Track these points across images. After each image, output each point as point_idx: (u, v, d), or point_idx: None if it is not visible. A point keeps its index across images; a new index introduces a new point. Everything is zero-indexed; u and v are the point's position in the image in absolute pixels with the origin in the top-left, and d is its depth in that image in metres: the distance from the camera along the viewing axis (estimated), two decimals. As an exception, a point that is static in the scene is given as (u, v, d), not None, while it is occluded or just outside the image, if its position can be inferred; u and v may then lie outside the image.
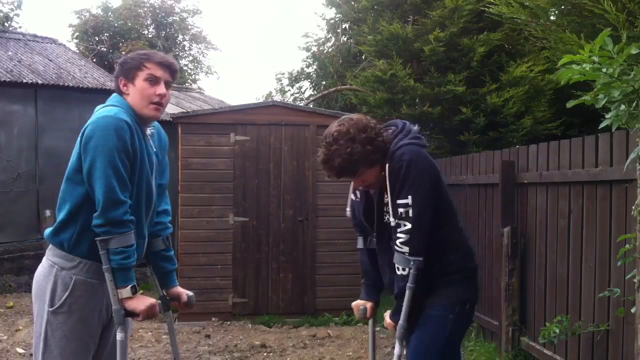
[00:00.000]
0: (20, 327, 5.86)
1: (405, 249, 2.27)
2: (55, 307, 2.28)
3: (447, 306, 2.37)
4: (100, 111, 2.36)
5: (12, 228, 8.29)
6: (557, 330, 3.54)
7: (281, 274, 6.48)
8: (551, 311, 4.03)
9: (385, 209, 2.40)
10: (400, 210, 2.27)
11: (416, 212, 2.26)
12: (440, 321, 2.37)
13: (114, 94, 2.46)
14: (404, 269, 2.29)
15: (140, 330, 5.77)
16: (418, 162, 2.30)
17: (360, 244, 2.67)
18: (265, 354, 5.15)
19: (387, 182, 2.33)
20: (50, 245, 2.35)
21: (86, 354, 2.33)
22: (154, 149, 2.49)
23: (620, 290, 3.10)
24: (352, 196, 2.61)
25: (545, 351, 4.02)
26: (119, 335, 2.27)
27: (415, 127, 2.45)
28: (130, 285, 2.25)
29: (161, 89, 2.37)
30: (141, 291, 2.76)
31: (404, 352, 2.41)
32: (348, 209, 2.65)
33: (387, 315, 2.51)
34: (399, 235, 2.29)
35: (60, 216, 2.31)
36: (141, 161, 2.33)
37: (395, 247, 2.30)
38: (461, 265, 2.42)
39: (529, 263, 4.39)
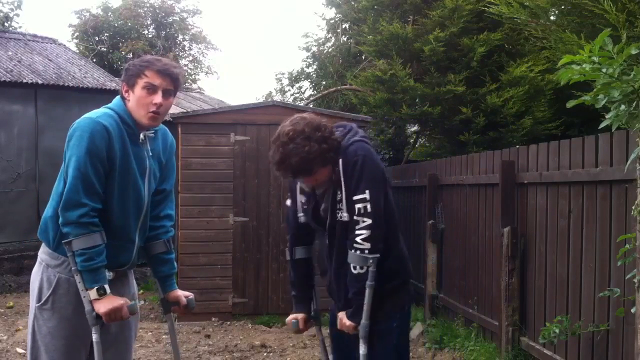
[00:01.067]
0: (20, 327, 5.86)
1: (367, 245, 2.22)
2: (40, 303, 2.32)
3: (391, 316, 2.36)
4: (88, 112, 2.39)
5: (12, 228, 8.29)
6: (557, 330, 3.54)
7: (281, 274, 6.48)
8: (551, 311, 4.03)
9: (338, 206, 2.34)
10: (358, 206, 2.23)
11: (374, 206, 2.23)
12: (387, 333, 2.35)
13: (118, 96, 2.47)
14: (361, 268, 2.25)
15: (140, 331, 5.77)
16: (372, 159, 2.30)
17: (288, 255, 2.66)
18: (265, 354, 5.15)
19: (342, 178, 2.29)
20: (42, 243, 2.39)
21: (73, 353, 2.33)
22: (150, 153, 2.46)
23: (620, 290, 3.10)
24: (288, 202, 2.57)
25: (545, 351, 4.02)
26: (94, 337, 2.25)
27: (361, 131, 2.46)
28: (96, 287, 2.22)
29: (158, 97, 2.34)
30: (141, 291, 2.79)
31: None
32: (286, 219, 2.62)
33: (341, 316, 2.43)
34: (358, 232, 2.23)
35: (46, 213, 2.36)
36: (126, 166, 2.33)
37: (355, 245, 2.25)
38: (400, 268, 2.43)
39: (529, 263, 4.39)
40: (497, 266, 4.72)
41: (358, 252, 2.25)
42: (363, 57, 10.45)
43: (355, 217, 2.25)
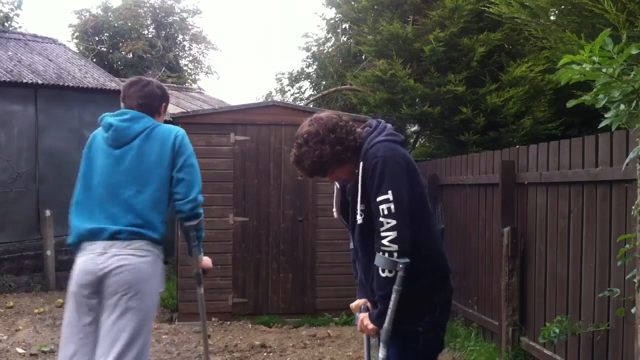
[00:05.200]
0: (20, 327, 5.86)
1: (394, 247, 2.15)
2: (162, 290, 2.87)
3: (416, 319, 2.26)
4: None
5: (12, 228, 8.28)
6: (557, 330, 3.54)
7: (281, 274, 6.48)
8: (551, 311, 4.03)
9: (357, 208, 2.33)
10: (382, 207, 2.18)
11: (397, 206, 2.17)
12: (411, 336, 2.27)
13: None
14: (389, 272, 2.18)
15: (140, 330, 5.77)
16: (392, 158, 2.24)
17: (352, 244, 2.60)
18: (265, 354, 5.15)
19: (360, 181, 2.28)
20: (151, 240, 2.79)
21: None
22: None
23: (620, 290, 3.10)
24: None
25: (545, 351, 4.02)
26: (201, 290, 3.20)
27: (390, 125, 2.40)
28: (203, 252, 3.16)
29: None
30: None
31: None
32: (335, 209, 2.59)
33: (363, 317, 2.38)
34: (384, 234, 2.17)
35: (149, 216, 2.82)
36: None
37: (382, 248, 2.18)
38: (428, 269, 2.29)
39: (529, 263, 4.39)
40: (497, 266, 4.72)
41: (386, 254, 2.18)
42: (363, 57, 10.44)
43: (380, 219, 2.19)
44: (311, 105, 9.97)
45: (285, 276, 6.48)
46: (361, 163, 2.30)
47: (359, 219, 2.30)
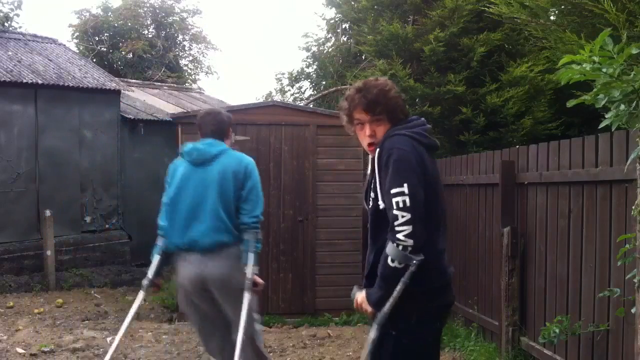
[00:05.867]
0: (20, 327, 5.86)
1: (410, 241, 2.12)
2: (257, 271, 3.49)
3: (391, 322, 2.23)
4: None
5: (12, 228, 8.28)
6: (557, 330, 3.54)
7: (281, 274, 6.48)
8: (551, 311, 4.03)
9: (371, 193, 2.33)
10: (397, 199, 2.14)
11: (412, 200, 2.13)
12: (383, 337, 2.25)
13: None
14: (399, 263, 2.15)
15: (140, 330, 5.77)
16: (406, 152, 2.22)
17: None
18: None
19: (376, 165, 2.28)
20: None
21: None
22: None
23: (620, 290, 3.10)
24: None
25: (545, 351, 4.02)
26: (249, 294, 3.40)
27: (421, 123, 2.40)
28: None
29: None
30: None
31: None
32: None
33: (360, 297, 2.36)
34: (399, 228, 2.13)
35: (228, 221, 3.42)
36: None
37: (397, 241, 2.14)
38: (413, 278, 2.20)
39: (529, 263, 4.39)
40: (497, 266, 4.72)
41: (401, 247, 2.14)
42: (363, 57, 10.44)
43: (394, 212, 2.15)
44: (311, 105, 9.97)
45: (285, 276, 6.48)
46: (377, 150, 2.30)
47: (371, 206, 2.31)
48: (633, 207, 2.37)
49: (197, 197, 3.42)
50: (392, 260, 2.17)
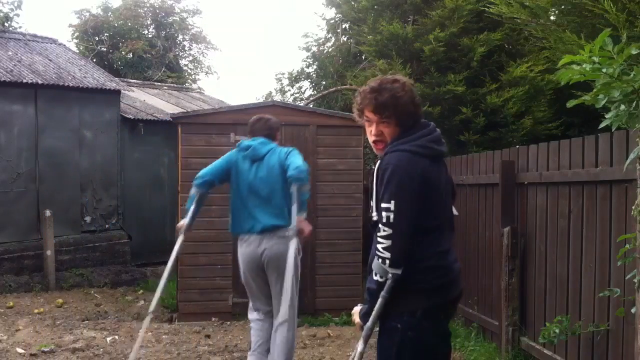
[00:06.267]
0: (20, 327, 5.86)
1: (387, 254, 2.24)
2: (302, 255, 4.17)
3: (395, 317, 2.34)
4: None
5: (12, 228, 8.28)
6: (557, 330, 3.54)
7: (281, 274, 6.47)
8: (551, 311, 4.03)
9: (371, 204, 2.43)
10: (383, 214, 2.25)
11: (397, 218, 2.23)
12: (390, 331, 2.36)
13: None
14: (381, 277, 2.27)
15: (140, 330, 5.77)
16: (405, 169, 2.28)
17: None
18: (265, 354, 5.15)
19: (375, 177, 2.36)
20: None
21: None
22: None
23: (620, 290, 3.10)
24: None
25: (545, 351, 4.02)
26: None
27: (427, 132, 2.44)
28: None
29: None
30: (141, 291, 2.89)
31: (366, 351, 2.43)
32: None
33: (356, 310, 2.50)
34: (379, 239, 2.26)
35: (282, 208, 3.99)
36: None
37: (377, 253, 2.27)
38: (414, 277, 2.31)
39: (529, 263, 4.39)
40: (497, 266, 4.72)
41: (380, 260, 2.26)
42: (363, 57, 10.44)
43: (380, 225, 2.27)
44: (311, 105, 9.97)
45: (285, 276, 6.47)
46: (378, 162, 2.38)
47: (373, 215, 2.38)
48: (633, 207, 2.37)
49: (253, 187, 4.05)
50: (375, 274, 2.30)
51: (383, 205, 2.26)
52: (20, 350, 5.06)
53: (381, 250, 2.26)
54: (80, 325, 6.06)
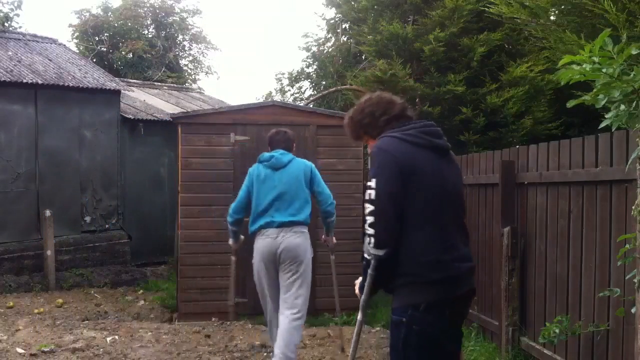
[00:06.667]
0: (20, 327, 5.85)
1: (371, 231, 2.33)
2: (312, 255, 4.68)
3: (399, 312, 2.41)
4: None
5: (12, 228, 8.28)
6: (557, 330, 3.54)
7: (281, 274, 6.47)
8: (551, 311, 4.03)
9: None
10: (367, 192, 2.39)
11: (378, 195, 2.33)
12: (396, 324, 2.43)
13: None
14: (368, 255, 2.38)
15: (140, 330, 5.77)
16: (386, 150, 2.40)
17: None
18: (265, 354, 5.15)
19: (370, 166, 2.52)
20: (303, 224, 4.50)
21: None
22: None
23: (620, 290, 3.10)
24: None
25: (545, 351, 4.02)
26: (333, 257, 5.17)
27: (420, 125, 2.51)
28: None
29: None
30: (141, 291, 2.87)
31: (364, 319, 2.62)
32: None
33: (357, 282, 2.62)
34: (366, 218, 2.38)
35: (307, 209, 4.55)
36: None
37: (365, 231, 2.38)
38: (414, 270, 2.37)
39: (529, 263, 4.39)
40: (497, 266, 4.72)
41: (367, 239, 2.36)
42: (363, 57, 10.44)
43: (365, 204, 2.40)
44: (311, 105, 9.97)
45: (285, 276, 6.47)
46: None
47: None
48: (633, 207, 2.37)
49: (278, 191, 4.47)
50: (364, 252, 2.41)
51: (368, 183, 2.40)
52: (20, 350, 5.06)
53: (367, 228, 2.36)
54: (80, 325, 6.05)
